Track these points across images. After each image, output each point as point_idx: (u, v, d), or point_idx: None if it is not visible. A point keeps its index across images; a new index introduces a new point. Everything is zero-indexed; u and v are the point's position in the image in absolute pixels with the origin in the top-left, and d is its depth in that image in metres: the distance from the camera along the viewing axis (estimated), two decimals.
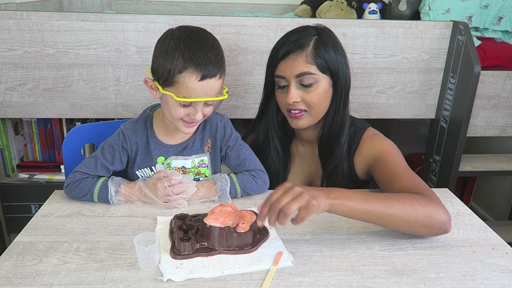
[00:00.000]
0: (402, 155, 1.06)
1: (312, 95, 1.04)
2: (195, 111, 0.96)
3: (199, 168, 1.09)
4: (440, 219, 0.86)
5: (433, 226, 0.86)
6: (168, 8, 2.44)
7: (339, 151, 1.10)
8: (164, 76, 0.94)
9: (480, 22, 1.71)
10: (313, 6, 2.14)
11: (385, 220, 0.85)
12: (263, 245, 0.85)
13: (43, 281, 0.74)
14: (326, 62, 1.03)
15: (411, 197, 0.87)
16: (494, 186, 2.31)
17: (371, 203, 0.83)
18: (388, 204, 0.84)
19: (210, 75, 0.92)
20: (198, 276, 0.75)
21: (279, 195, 0.78)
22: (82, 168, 1.02)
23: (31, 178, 1.72)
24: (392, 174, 1.00)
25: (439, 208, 0.87)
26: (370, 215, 0.84)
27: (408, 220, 0.85)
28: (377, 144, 1.10)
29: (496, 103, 1.70)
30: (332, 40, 1.05)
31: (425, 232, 0.89)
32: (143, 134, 1.06)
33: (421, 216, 0.85)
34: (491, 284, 0.76)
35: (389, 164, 1.03)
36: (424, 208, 0.85)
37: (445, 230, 0.88)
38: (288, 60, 1.04)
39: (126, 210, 0.98)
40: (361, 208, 0.83)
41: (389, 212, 0.84)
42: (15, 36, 1.45)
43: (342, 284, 0.75)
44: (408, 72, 1.65)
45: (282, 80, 1.06)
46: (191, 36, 0.94)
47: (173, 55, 0.92)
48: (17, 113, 1.56)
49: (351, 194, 0.84)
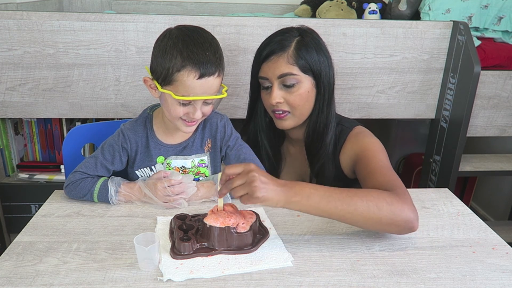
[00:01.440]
0: (386, 154, 1.05)
1: (295, 95, 1.05)
2: (194, 110, 0.96)
3: (199, 168, 1.09)
4: (404, 217, 0.84)
5: (398, 225, 0.85)
6: (168, 8, 2.44)
7: (325, 150, 1.11)
8: (162, 75, 0.94)
9: (480, 22, 1.71)
10: (313, 6, 2.14)
11: (347, 217, 0.84)
12: (263, 245, 0.85)
13: (43, 281, 0.74)
14: (308, 63, 1.04)
15: (377, 194, 0.86)
16: (494, 186, 2.31)
17: (332, 201, 0.82)
18: (351, 202, 0.83)
19: (208, 73, 0.93)
20: (198, 276, 0.75)
21: (234, 174, 0.81)
22: (82, 168, 1.02)
23: (31, 178, 1.72)
24: (370, 171, 0.99)
25: (405, 206, 0.85)
26: (331, 213, 0.83)
27: (371, 217, 0.83)
28: (360, 141, 1.09)
29: (496, 103, 1.70)
30: (314, 41, 1.06)
31: (390, 230, 0.87)
32: (143, 133, 1.06)
33: (385, 214, 0.83)
34: (491, 284, 0.76)
35: (369, 161, 1.02)
36: (389, 206, 0.84)
37: (410, 228, 0.86)
38: (270, 61, 1.05)
39: (126, 210, 0.98)
40: (320, 206, 0.82)
41: (350, 209, 0.83)
42: (15, 36, 1.45)
43: (342, 284, 0.75)
44: (408, 72, 1.65)
45: (266, 81, 1.07)
46: (190, 35, 0.94)
47: (171, 53, 0.92)
48: (17, 113, 1.56)
49: (312, 191, 0.83)
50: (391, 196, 0.86)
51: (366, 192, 0.86)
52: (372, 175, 0.97)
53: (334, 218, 0.85)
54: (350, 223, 0.87)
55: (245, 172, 0.80)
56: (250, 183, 0.79)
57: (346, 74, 1.61)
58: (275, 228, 0.92)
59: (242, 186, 0.79)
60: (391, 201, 0.84)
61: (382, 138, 1.12)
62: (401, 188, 0.91)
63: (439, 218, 0.99)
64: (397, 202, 0.85)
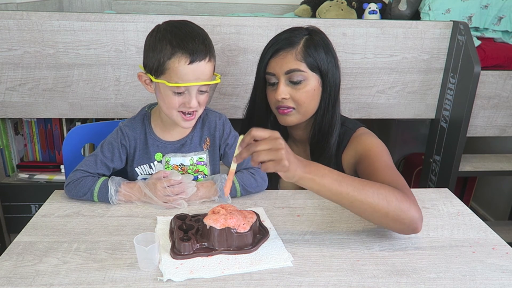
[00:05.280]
0: (389, 155, 1.05)
1: (301, 92, 1.06)
2: (190, 99, 0.96)
3: (197, 165, 1.09)
4: (411, 216, 0.84)
5: (403, 222, 0.85)
6: (168, 8, 2.44)
7: (329, 150, 1.11)
8: (155, 66, 0.95)
9: (480, 22, 1.71)
10: (313, 6, 2.14)
11: (356, 205, 0.84)
12: (263, 245, 0.85)
13: (43, 281, 0.74)
14: (316, 61, 1.05)
15: (388, 188, 0.86)
16: (494, 186, 2.31)
17: (344, 186, 0.83)
18: (362, 190, 0.83)
19: (199, 58, 0.93)
20: (198, 276, 0.75)
21: (260, 137, 0.78)
22: (82, 166, 1.03)
23: (31, 178, 1.72)
24: (373, 170, 0.99)
25: (413, 205, 0.86)
26: (341, 197, 0.83)
27: (379, 210, 0.83)
28: (363, 142, 1.09)
29: (496, 103, 1.70)
30: (323, 41, 1.07)
31: (394, 227, 0.87)
32: (141, 130, 1.07)
33: (393, 209, 0.83)
34: (491, 284, 0.76)
35: (372, 161, 1.02)
36: (398, 202, 0.84)
37: (414, 229, 0.86)
38: (278, 57, 1.06)
39: (126, 210, 0.99)
40: (332, 188, 0.82)
41: (361, 198, 0.83)
42: (15, 36, 1.45)
43: (342, 284, 0.75)
44: (408, 72, 1.65)
45: (272, 77, 1.07)
46: (178, 26, 0.96)
47: (161, 45, 0.94)
48: (17, 113, 1.56)
49: (326, 172, 0.83)
50: (400, 194, 0.86)
51: (378, 184, 0.87)
52: (376, 175, 0.97)
53: (343, 204, 0.85)
54: (358, 213, 0.87)
55: (272, 138, 0.77)
56: (277, 150, 0.77)
57: (346, 74, 1.61)
58: (275, 228, 0.92)
59: (267, 152, 0.76)
60: (400, 198, 0.85)
61: (382, 138, 1.12)
62: (407, 188, 0.91)
63: (439, 218, 0.99)
64: (405, 200, 0.85)
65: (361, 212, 0.86)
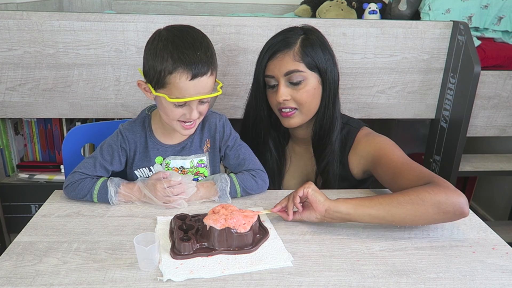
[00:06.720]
0: (399, 148, 1.07)
1: (302, 92, 1.06)
2: (191, 110, 0.96)
3: (198, 168, 1.09)
4: (451, 203, 0.85)
5: (447, 211, 0.86)
6: (168, 8, 2.44)
7: (331, 147, 1.12)
8: (155, 78, 0.93)
9: (480, 22, 1.71)
10: (313, 6, 2.14)
11: (398, 221, 0.88)
12: (263, 245, 0.85)
13: (43, 281, 0.74)
14: (314, 60, 1.05)
15: (417, 190, 0.87)
16: (494, 186, 2.31)
17: (379, 210, 0.87)
18: (398, 207, 0.87)
19: (201, 73, 0.92)
20: (198, 276, 0.75)
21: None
22: (81, 168, 1.02)
23: (31, 178, 1.72)
24: (395, 171, 1.00)
25: (450, 193, 0.86)
26: (379, 221, 0.88)
27: (420, 214, 0.86)
28: (372, 142, 1.10)
29: (496, 103, 1.70)
30: (319, 39, 1.07)
31: (441, 219, 0.88)
32: (141, 134, 1.06)
33: (430, 205, 0.85)
34: (491, 284, 0.76)
35: (389, 160, 1.03)
36: (432, 196, 0.85)
37: (461, 213, 0.86)
38: (276, 59, 1.06)
39: (126, 210, 0.98)
40: (369, 220, 0.89)
41: (399, 215, 0.87)
42: (15, 36, 1.45)
43: (342, 284, 0.75)
44: (408, 72, 1.65)
45: (272, 79, 1.08)
46: (179, 35, 0.93)
47: (162, 56, 0.91)
48: (17, 113, 1.55)
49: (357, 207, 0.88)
50: (430, 187, 0.87)
51: (405, 192, 0.88)
52: (400, 175, 0.98)
53: (384, 224, 0.90)
54: (402, 225, 0.89)
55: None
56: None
57: (346, 74, 1.61)
58: (275, 228, 0.92)
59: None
60: (433, 192, 0.86)
61: None
62: (436, 176, 0.92)
63: None
64: (439, 191, 0.86)
65: (405, 224, 0.88)
